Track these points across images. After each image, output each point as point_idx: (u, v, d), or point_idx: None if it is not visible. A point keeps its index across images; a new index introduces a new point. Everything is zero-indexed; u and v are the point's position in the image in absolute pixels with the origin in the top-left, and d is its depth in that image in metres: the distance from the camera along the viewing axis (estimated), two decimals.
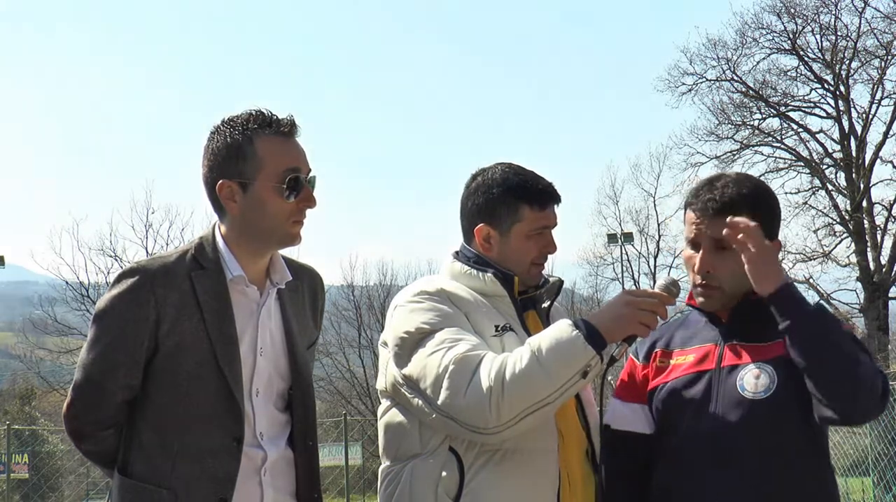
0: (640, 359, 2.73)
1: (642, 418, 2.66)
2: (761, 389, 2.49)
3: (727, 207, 2.54)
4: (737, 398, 2.50)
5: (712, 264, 2.58)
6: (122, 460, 2.47)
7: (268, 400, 2.52)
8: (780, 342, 2.48)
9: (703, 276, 2.60)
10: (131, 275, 2.42)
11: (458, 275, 2.72)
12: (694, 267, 2.62)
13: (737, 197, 2.55)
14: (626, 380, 2.74)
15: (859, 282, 26.64)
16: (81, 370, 2.46)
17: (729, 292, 2.59)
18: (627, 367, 2.77)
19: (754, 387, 2.49)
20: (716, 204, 2.56)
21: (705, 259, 2.58)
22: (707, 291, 2.60)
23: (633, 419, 2.67)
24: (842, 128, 27.59)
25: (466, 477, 2.51)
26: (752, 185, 2.62)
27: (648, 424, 2.66)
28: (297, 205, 2.46)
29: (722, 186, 2.58)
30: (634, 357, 2.75)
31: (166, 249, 24.95)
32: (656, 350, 2.71)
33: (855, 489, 17.50)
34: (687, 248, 2.66)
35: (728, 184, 2.59)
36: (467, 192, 2.77)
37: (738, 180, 2.61)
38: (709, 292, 2.60)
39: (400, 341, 2.58)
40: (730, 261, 2.54)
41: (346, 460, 20.84)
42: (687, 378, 2.60)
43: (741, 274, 2.51)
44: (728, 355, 2.57)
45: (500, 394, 2.38)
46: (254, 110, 2.48)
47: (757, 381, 2.50)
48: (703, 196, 2.59)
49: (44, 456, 23.59)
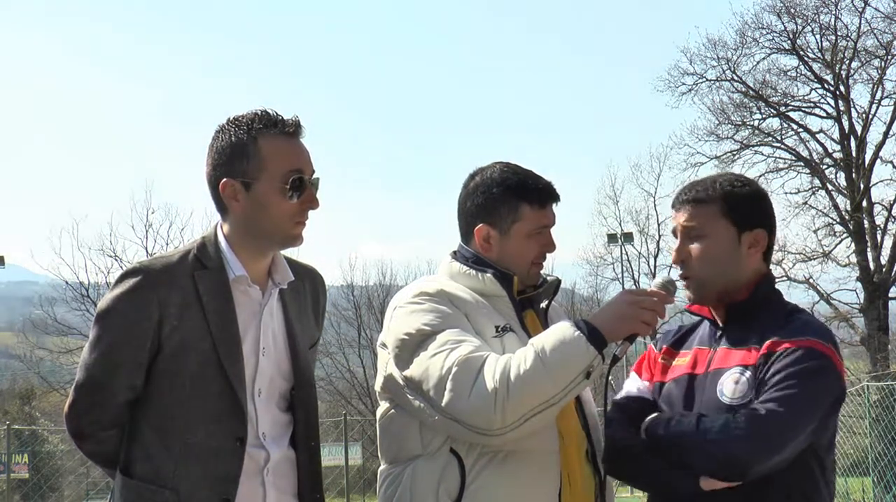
0: (657, 349, 2.77)
1: (648, 394, 2.69)
2: (738, 395, 2.47)
3: (698, 197, 2.61)
4: (716, 403, 2.49)
5: (685, 253, 2.62)
6: (124, 460, 2.47)
7: (270, 401, 2.52)
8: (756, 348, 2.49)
9: (679, 266, 2.63)
10: (134, 275, 2.42)
11: (457, 276, 2.72)
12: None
13: (709, 189, 2.62)
14: (645, 362, 2.77)
15: (859, 282, 26.64)
16: (83, 370, 2.46)
17: (705, 279, 2.59)
18: (646, 353, 2.79)
19: (732, 393, 2.48)
20: (688, 194, 2.63)
21: (679, 248, 2.63)
22: (686, 281, 2.63)
23: (644, 389, 2.70)
24: (842, 129, 27.60)
25: (468, 478, 2.51)
26: (729, 179, 2.66)
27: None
28: (299, 206, 2.47)
29: (697, 183, 2.67)
30: (653, 345, 2.79)
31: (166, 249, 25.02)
32: (664, 345, 2.75)
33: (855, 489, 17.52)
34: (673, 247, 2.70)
35: (705, 179, 2.67)
36: (466, 192, 2.77)
37: (717, 175, 2.70)
38: (686, 282, 2.63)
39: (400, 343, 2.57)
40: (700, 248, 2.59)
41: (346, 460, 20.86)
42: (680, 380, 2.62)
43: (714, 259, 2.57)
44: (716, 359, 2.58)
45: (505, 396, 2.38)
46: (259, 110, 2.49)
47: (735, 386, 2.48)
48: (680, 192, 2.68)
49: (44, 456, 23.60)
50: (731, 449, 2.34)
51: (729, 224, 2.59)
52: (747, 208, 2.62)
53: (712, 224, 2.59)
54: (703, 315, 2.70)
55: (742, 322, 2.58)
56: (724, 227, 2.59)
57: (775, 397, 2.37)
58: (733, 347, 2.56)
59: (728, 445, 2.35)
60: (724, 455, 2.35)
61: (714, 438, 2.36)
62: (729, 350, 2.57)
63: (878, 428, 15.37)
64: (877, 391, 16.13)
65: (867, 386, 16.17)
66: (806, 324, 2.53)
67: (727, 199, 2.60)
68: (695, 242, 2.60)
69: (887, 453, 14.88)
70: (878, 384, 16.74)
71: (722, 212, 2.59)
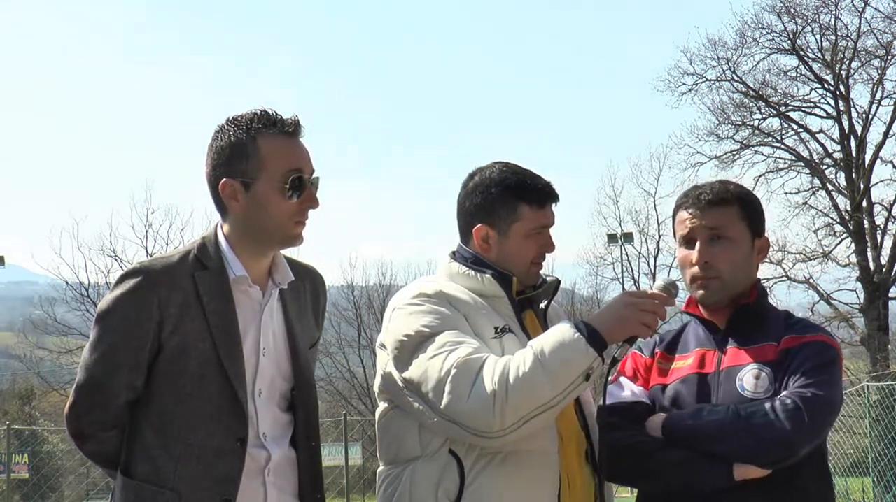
0: (646, 354, 2.76)
1: (645, 397, 2.69)
2: (761, 389, 2.52)
3: (720, 198, 2.63)
4: (737, 397, 2.52)
5: (710, 254, 2.62)
6: (124, 461, 2.47)
7: (271, 401, 2.52)
8: (771, 345, 2.56)
9: (702, 267, 2.63)
10: (134, 276, 2.42)
11: (456, 276, 2.71)
12: (690, 264, 2.65)
13: (727, 191, 2.66)
14: (632, 373, 2.76)
15: (859, 282, 26.61)
16: (84, 371, 2.46)
17: (728, 281, 2.62)
18: (631, 361, 2.78)
19: (754, 387, 2.53)
20: (709, 196, 2.64)
21: (703, 250, 2.62)
22: (706, 282, 2.63)
23: (640, 393, 2.70)
24: (842, 128, 27.57)
25: (467, 479, 2.50)
26: (736, 185, 2.74)
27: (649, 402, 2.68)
28: (299, 206, 2.47)
29: (710, 185, 2.69)
30: (638, 351, 2.78)
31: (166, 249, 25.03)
32: (657, 350, 2.75)
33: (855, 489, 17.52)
34: (681, 249, 2.69)
35: (715, 183, 2.70)
36: (465, 192, 2.76)
37: (722, 181, 2.73)
38: (708, 282, 2.63)
39: (399, 344, 2.56)
40: (726, 250, 2.61)
41: (346, 460, 20.86)
42: (688, 379, 2.63)
43: (737, 262, 2.61)
44: (726, 359, 2.61)
45: (504, 398, 2.38)
46: (258, 110, 2.49)
47: (757, 382, 2.53)
48: (693, 194, 2.68)
49: (44, 456, 23.60)
50: (781, 430, 2.40)
51: (746, 228, 2.65)
52: (758, 214, 2.69)
53: (735, 226, 2.63)
54: (696, 316, 2.71)
55: (748, 324, 2.63)
56: (744, 231, 2.65)
57: (812, 382, 2.47)
58: (743, 347, 2.61)
59: (777, 427, 2.40)
60: (776, 437, 2.40)
61: (762, 421, 2.42)
62: (739, 349, 2.61)
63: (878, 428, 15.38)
64: (877, 391, 16.14)
65: (867, 386, 16.18)
66: (811, 323, 2.69)
67: (743, 203, 2.66)
68: (718, 245, 2.62)
69: (887, 453, 14.88)
70: (878, 384, 16.75)
71: (740, 216, 2.64)
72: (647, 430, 2.58)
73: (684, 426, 2.51)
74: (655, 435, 2.56)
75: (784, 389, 2.49)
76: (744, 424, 2.43)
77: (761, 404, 2.45)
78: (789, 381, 2.49)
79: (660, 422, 2.56)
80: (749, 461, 2.42)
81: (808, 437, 2.44)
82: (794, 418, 2.40)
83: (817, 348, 2.54)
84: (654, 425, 2.57)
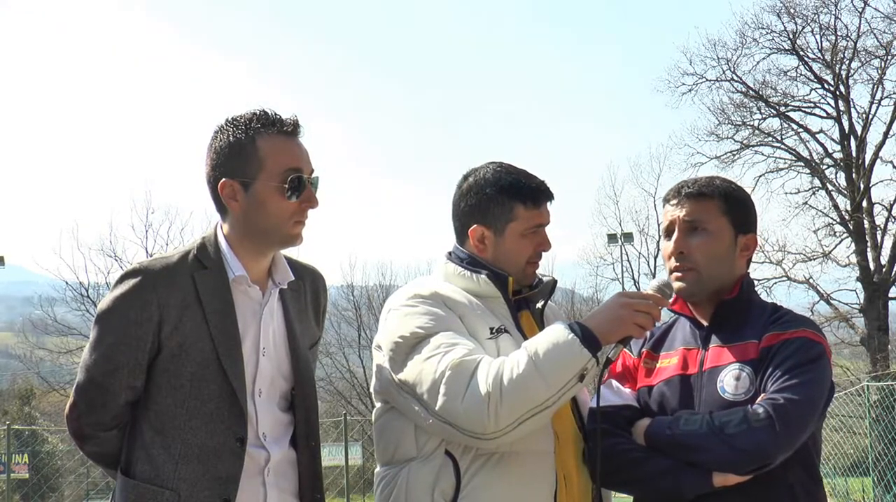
0: (634, 354, 2.77)
1: (633, 400, 2.69)
2: (741, 390, 2.50)
3: (701, 191, 2.64)
4: (718, 400, 2.51)
5: (686, 245, 2.62)
6: (125, 461, 2.48)
7: (270, 401, 2.52)
8: (753, 342, 2.54)
9: (677, 257, 2.63)
10: (134, 276, 2.42)
11: (452, 277, 2.71)
12: (669, 256, 2.66)
13: (710, 185, 2.66)
14: (621, 371, 2.76)
15: (859, 282, 26.58)
16: (84, 371, 2.46)
17: (705, 274, 2.61)
18: (619, 359, 2.78)
19: (734, 389, 2.51)
20: (690, 189, 2.66)
21: (679, 240, 2.64)
22: (683, 273, 2.63)
23: (629, 397, 2.70)
24: (842, 129, 27.54)
25: (463, 480, 2.51)
26: (724, 181, 2.73)
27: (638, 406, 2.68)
28: (298, 206, 2.47)
29: (695, 179, 2.71)
30: (628, 351, 2.78)
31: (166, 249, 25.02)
32: (644, 349, 2.75)
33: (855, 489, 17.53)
34: (663, 241, 2.71)
35: (701, 178, 2.71)
36: (459, 193, 2.77)
37: (711, 177, 2.73)
38: (685, 274, 2.63)
39: (395, 346, 2.57)
40: (704, 243, 2.61)
41: (346, 460, 20.85)
42: (671, 381, 2.62)
43: (715, 255, 2.60)
44: (710, 358, 2.59)
45: (499, 400, 2.38)
46: (258, 110, 2.49)
47: (737, 383, 2.51)
48: (677, 187, 2.70)
49: (44, 456, 23.60)
50: (755, 440, 2.37)
51: (728, 223, 2.64)
52: (744, 211, 2.68)
53: (714, 220, 2.63)
54: (683, 314, 2.71)
55: (731, 320, 2.61)
56: (725, 225, 2.64)
57: (788, 386, 2.42)
58: (726, 345, 2.58)
59: (752, 436, 2.38)
60: (749, 446, 2.38)
61: (735, 431, 2.39)
62: (721, 348, 2.59)
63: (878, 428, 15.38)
64: (877, 391, 16.14)
65: (867, 386, 16.19)
66: (796, 317, 2.61)
67: (727, 199, 2.65)
68: (696, 236, 2.62)
69: (887, 453, 14.89)
70: (878, 384, 16.75)
71: (722, 210, 2.64)
72: (633, 436, 2.58)
73: (664, 436, 2.50)
74: (640, 442, 2.56)
75: (763, 390, 2.46)
76: (718, 434, 2.41)
77: (737, 412, 2.43)
78: (767, 383, 2.46)
79: (643, 429, 2.56)
80: (725, 470, 2.41)
81: (783, 445, 2.39)
82: (765, 428, 2.37)
83: (798, 345, 2.49)
84: (639, 432, 2.57)
